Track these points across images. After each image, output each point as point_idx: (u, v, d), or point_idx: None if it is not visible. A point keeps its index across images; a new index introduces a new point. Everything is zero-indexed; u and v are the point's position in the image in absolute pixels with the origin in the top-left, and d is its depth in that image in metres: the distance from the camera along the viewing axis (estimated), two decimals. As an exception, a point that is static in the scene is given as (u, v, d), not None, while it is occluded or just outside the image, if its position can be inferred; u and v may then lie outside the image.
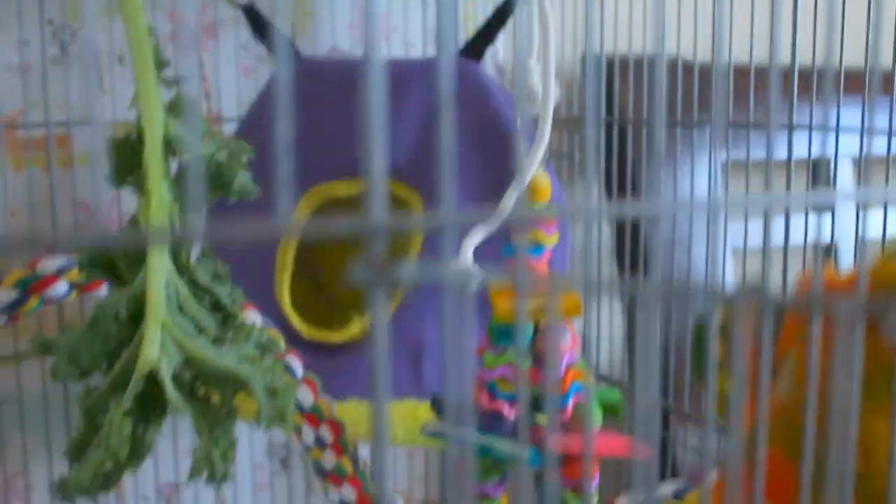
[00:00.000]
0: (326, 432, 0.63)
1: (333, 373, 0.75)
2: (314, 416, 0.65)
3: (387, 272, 0.24)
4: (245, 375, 0.51)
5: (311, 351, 0.78)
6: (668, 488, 0.76)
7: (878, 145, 0.71)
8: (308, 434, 0.64)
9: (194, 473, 0.51)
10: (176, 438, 1.01)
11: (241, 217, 0.80)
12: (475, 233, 0.58)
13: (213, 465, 0.51)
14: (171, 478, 1.02)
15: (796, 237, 0.76)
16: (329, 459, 0.61)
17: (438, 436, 0.60)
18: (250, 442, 1.05)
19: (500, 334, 0.62)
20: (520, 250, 0.47)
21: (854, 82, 0.75)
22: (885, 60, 0.69)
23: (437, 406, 0.63)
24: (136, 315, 0.54)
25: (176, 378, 0.52)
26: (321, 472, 0.61)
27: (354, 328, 0.79)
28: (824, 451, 0.30)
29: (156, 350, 0.51)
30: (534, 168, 0.60)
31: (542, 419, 0.62)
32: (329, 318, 0.82)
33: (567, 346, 0.61)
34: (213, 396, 0.54)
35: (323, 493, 0.62)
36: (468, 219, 0.39)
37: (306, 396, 0.65)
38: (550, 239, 0.60)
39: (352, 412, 0.73)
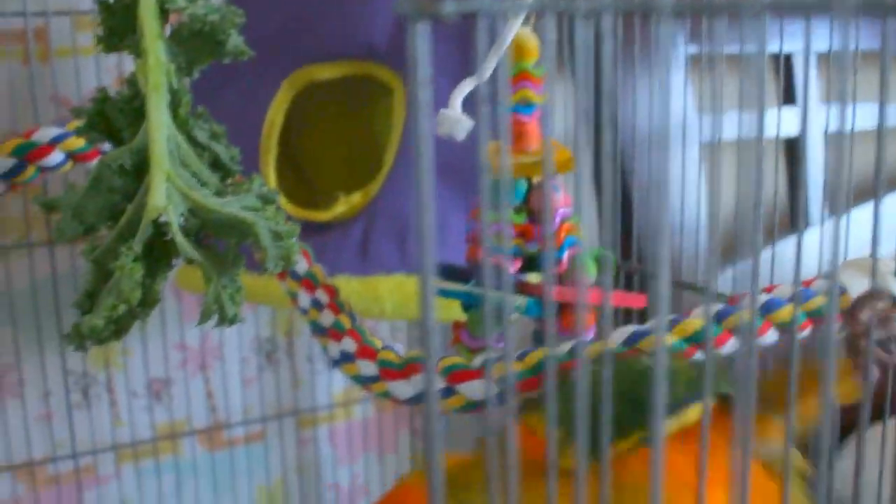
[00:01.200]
0: (322, 295, 0.66)
1: (321, 251, 0.76)
2: (309, 281, 0.66)
3: (428, 5, 0.26)
4: (250, 221, 0.53)
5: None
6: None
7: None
8: (304, 298, 0.66)
9: (205, 317, 0.53)
10: (165, 334, 1.03)
11: (230, 86, 0.81)
12: (464, 85, 0.59)
13: (222, 308, 0.53)
14: (160, 373, 1.04)
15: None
16: (327, 318, 0.64)
17: (446, 294, 0.63)
18: (239, 335, 1.07)
19: (496, 191, 0.64)
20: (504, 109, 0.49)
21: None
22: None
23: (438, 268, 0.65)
24: (139, 169, 0.55)
25: (182, 227, 0.53)
26: (320, 330, 0.64)
27: (340, 207, 0.81)
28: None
29: (162, 197, 0.53)
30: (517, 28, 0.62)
31: (535, 278, 0.65)
32: (314, 200, 0.84)
33: (560, 201, 0.64)
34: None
35: (323, 348, 0.64)
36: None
37: (301, 264, 0.67)
38: (540, 98, 0.62)
39: (341, 289, 0.75)
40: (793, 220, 1.07)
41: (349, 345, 0.61)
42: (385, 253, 0.79)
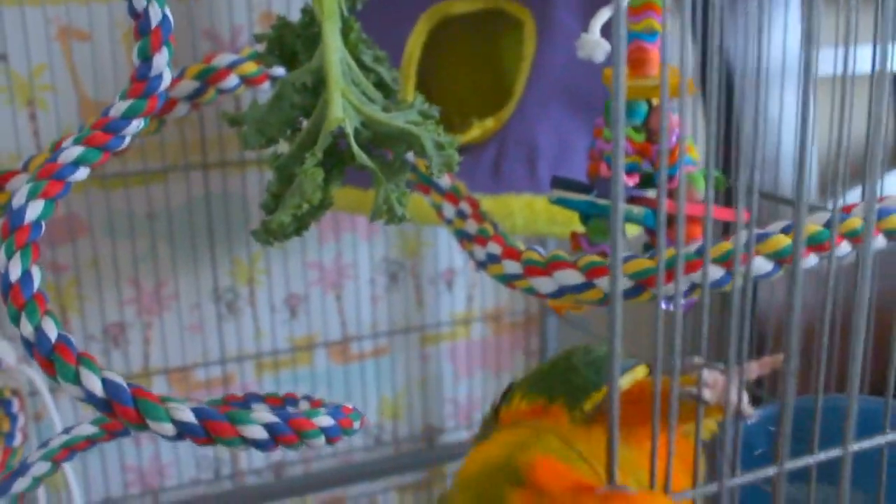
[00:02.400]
0: (466, 206, 0.72)
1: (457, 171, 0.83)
2: (453, 195, 0.73)
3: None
4: (416, 132, 0.60)
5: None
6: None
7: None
8: (449, 209, 0.73)
9: (376, 216, 0.61)
10: (303, 254, 1.12)
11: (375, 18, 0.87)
12: (602, 13, 0.65)
13: (391, 208, 0.60)
14: (298, 289, 1.13)
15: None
16: (471, 226, 0.71)
17: (563, 202, 0.69)
18: (369, 257, 1.15)
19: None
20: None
21: None
22: None
23: (558, 182, 0.71)
24: (317, 88, 0.62)
25: (355, 138, 0.61)
26: (465, 236, 0.70)
27: (474, 132, 0.88)
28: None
29: (340, 110, 0.60)
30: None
31: (652, 193, 0.70)
32: (449, 126, 0.90)
33: (676, 121, 0.69)
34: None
35: (468, 252, 0.71)
36: None
37: (444, 179, 0.74)
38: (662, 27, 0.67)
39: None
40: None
41: (494, 248, 0.68)
42: (516, 174, 0.86)
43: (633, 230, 0.77)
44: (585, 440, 0.41)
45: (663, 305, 0.74)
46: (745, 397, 0.42)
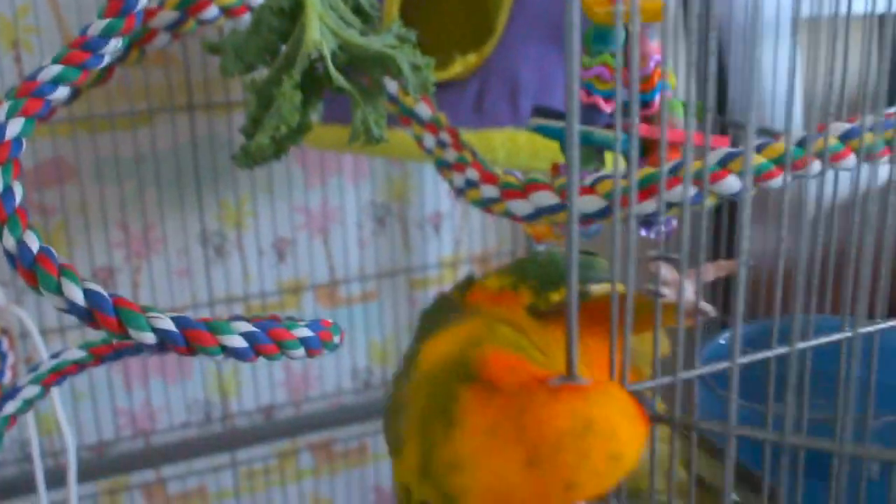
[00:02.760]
0: (446, 136, 0.73)
1: (440, 107, 0.83)
2: (433, 125, 0.74)
3: None
4: (392, 55, 0.61)
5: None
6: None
7: None
8: (429, 139, 0.74)
9: (355, 137, 0.62)
10: (290, 198, 1.12)
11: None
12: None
13: (369, 129, 0.61)
14: (285, 233, 1.14)
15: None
16: (451, 154, 0.71)
17: (542, 129, 0.70)
18: (356, 200, 1.16)
19: (596, 38, 0.70)
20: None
21: None
22: None
23: (537, 111, 0.72)
24: (294, 12, 0.63)
25: (332, 61, 0.61)
26: (445, 164, 0.71)
27: (456, 67, 0.88)
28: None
29: (317, 33, 0.61)
30: None
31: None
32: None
33: (654, 48, 0.70)
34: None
35: (447, 180, 0.72)
36: None
37: (424, 110, 0.75)
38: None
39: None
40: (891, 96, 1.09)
41: (472, 174, 0.69)
42: (498, 108, 0.87)
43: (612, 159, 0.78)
44: (541, 334, 0.42)
45: (642, 233, 0.76)
46: (702, 296, 0.43)
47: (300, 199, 1.13)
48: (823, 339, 0.45)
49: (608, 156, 0.78)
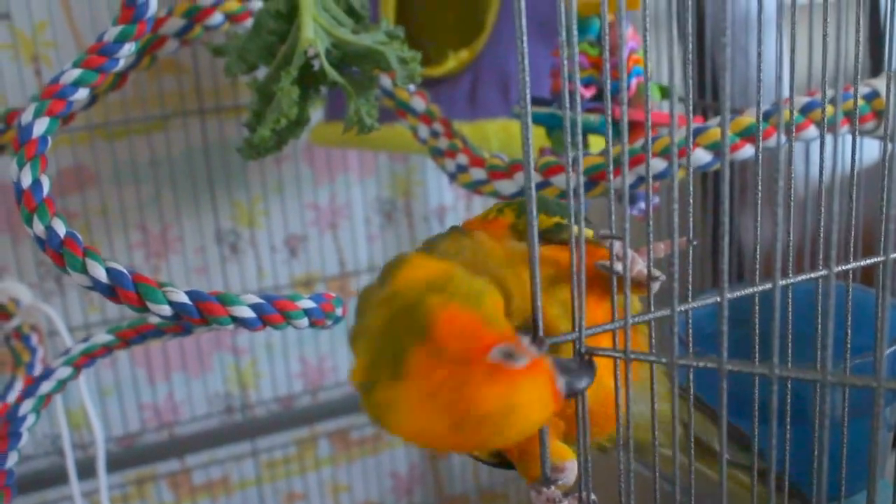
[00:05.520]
0: (438, 126, 0.78)
1: (435, 101, 0.88)
2: (427, 117, 0.79)
3: None
4: (381, 50, 0.66)
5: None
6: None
7: None
8: (423, 130, 0.79)
9: (349, 127, 0.67)
10: (300, 196, 1.18)
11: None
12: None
13: (361, 120, 0.66)
14: (296, 230, 1.19)
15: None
16: (443, 142, 0.77)
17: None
18: (363, 197, 1.21)
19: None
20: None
21: None
22: None
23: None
24: (290, 14, 0.68)
25: (327, 58, 0.67)
26: (438, 152, 0.77)
27: (450, 63, 0.93)
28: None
29: (311, 32, 0.66)
30: None
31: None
32: (427, 59, 0.96)
33: (629, 35, 0.75)
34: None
35: (440, 166, 0.77)
36: None
37: (419, 103, 0.80)
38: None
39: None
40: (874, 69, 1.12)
41: (463, 159, 0.74)
42: (490, 100, 0.92)
43: (598, 143, 0.83)
44: (518, 250, 0.46)
45: (629, 211, 0.81)
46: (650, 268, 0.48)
47: (310, 197, 1.19)
48: (803, 277, 0.49)
49: (592, 139, 0.83)
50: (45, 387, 0.71)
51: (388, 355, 0.40)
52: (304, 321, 0.59)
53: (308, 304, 0.59)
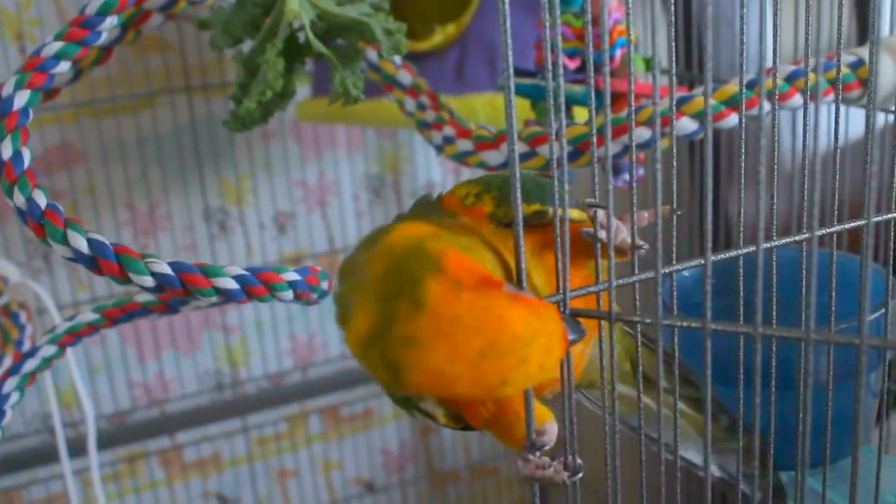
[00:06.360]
0: (425, 99, 0.78)
1: (422, 75, 0.88)
2: (414, 90, 0.79)
3: None
4: (366, 21, 0.66)
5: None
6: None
7: None
8: (410, 103, 0.79)
9: (335, 98, 0.66)
10: (288, 173, 1.17)
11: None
12: None
13: (347, 91, 0.66)
14: (285, 207, 1.19)
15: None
16: (430, 115, 0.76)
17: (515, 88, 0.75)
18: (351, 173, 1.21)
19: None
20: None
21: None
22: None
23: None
24: (275, -12, 0.68)
25: (312, 30, 0.66)
26: (424, 125, 0.76)
27: (437, 38, 0.93)
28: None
29: (296, 4, 0.65)
30: None
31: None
32: (413, 33, 0.96)
33: (613, 6, 0.75)
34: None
35: (427, 139, 0.77)
36: None
37: (405, 77, 0.80)
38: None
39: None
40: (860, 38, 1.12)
41: (449, 130, 0.74)
42: (477, 74, 0.91)
43: (583, 114, 0.83)
44: (500, 239, 0.46)
45: (613, 181, 0.81)
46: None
47: (298, 174, 1.18)
48: (787, 240, 0.49)
49: (577, 111, 0.83)
50: (30, 365, 0.71)
51: (402, 293, 0.39)
52: (289, 293, 0.59)
53: (293, 276, 0.59)
